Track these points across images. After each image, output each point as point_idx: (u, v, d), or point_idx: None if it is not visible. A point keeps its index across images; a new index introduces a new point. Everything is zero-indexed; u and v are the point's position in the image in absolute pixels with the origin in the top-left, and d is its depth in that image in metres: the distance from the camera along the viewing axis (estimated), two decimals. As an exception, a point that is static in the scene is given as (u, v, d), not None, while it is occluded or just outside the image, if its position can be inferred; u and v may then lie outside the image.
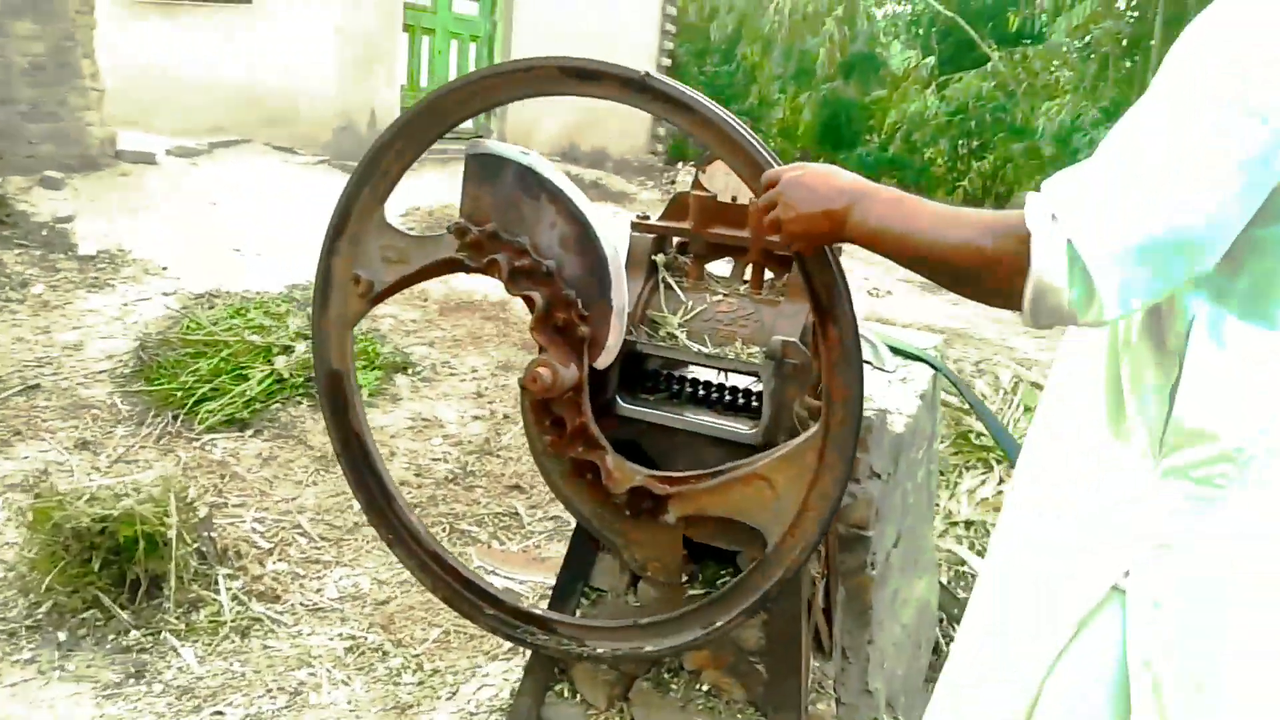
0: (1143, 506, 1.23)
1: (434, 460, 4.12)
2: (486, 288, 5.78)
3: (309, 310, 2.80)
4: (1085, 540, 1.29)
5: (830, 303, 1.58)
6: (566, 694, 2.16)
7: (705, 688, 2.06)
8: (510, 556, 3.46)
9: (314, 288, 1.92)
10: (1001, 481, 4.02)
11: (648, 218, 2.01)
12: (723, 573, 2.02)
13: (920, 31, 20.38)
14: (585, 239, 1.73)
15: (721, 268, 2.06)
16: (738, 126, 1.58)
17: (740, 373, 1.86)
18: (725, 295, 1.92)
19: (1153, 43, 14.67)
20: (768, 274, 1.94)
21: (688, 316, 1.91)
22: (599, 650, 1.92)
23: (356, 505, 2.43)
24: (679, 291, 1.95)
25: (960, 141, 18.92)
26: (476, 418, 4.59)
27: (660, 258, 1.98)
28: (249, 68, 8.26)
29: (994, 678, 1.40)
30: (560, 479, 1.90)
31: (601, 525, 1.90)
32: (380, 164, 1.82)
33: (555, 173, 1.75)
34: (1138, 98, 1.15)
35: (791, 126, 21.47)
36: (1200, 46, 1.10)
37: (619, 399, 1.89)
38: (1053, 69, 16.65)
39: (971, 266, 1.17)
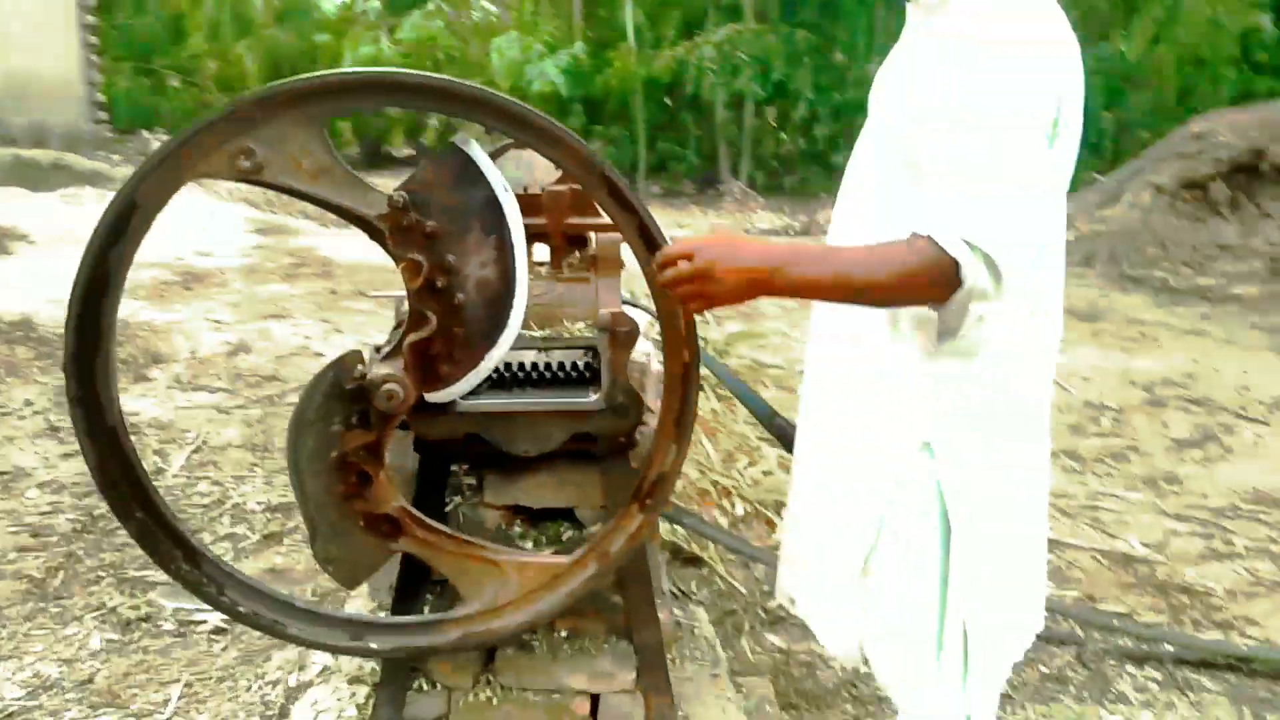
0: (929, 380, 1.67)
1: (44, 515, 3.76)
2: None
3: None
4: (892, 414, 1.71)
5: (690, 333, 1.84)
6: (425, 688, 2.23)
7: (564, 634, 2.25)
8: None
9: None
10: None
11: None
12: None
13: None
14: (505, 296, 1.77)
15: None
16: (626, 190, 1.73)
17: (577, 348, 2.03)
18: (531, 280, 2.07)
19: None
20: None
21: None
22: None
23: None
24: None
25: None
26: (66, 455, 4.21)
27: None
28: None
29: (836, 531, 1.82)
30: (310, 456, 1.84)
31: (318, 512, 1.88)
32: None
33: (519, 221, 1.76)
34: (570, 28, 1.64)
35: (231, 78, 20.48)
36: (995, 85, 1.48)
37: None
38: (488, 7, 17.53)
39: (906, 291, 1.52)
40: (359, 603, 2.65)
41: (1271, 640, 3.29)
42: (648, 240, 1.73)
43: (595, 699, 2.23)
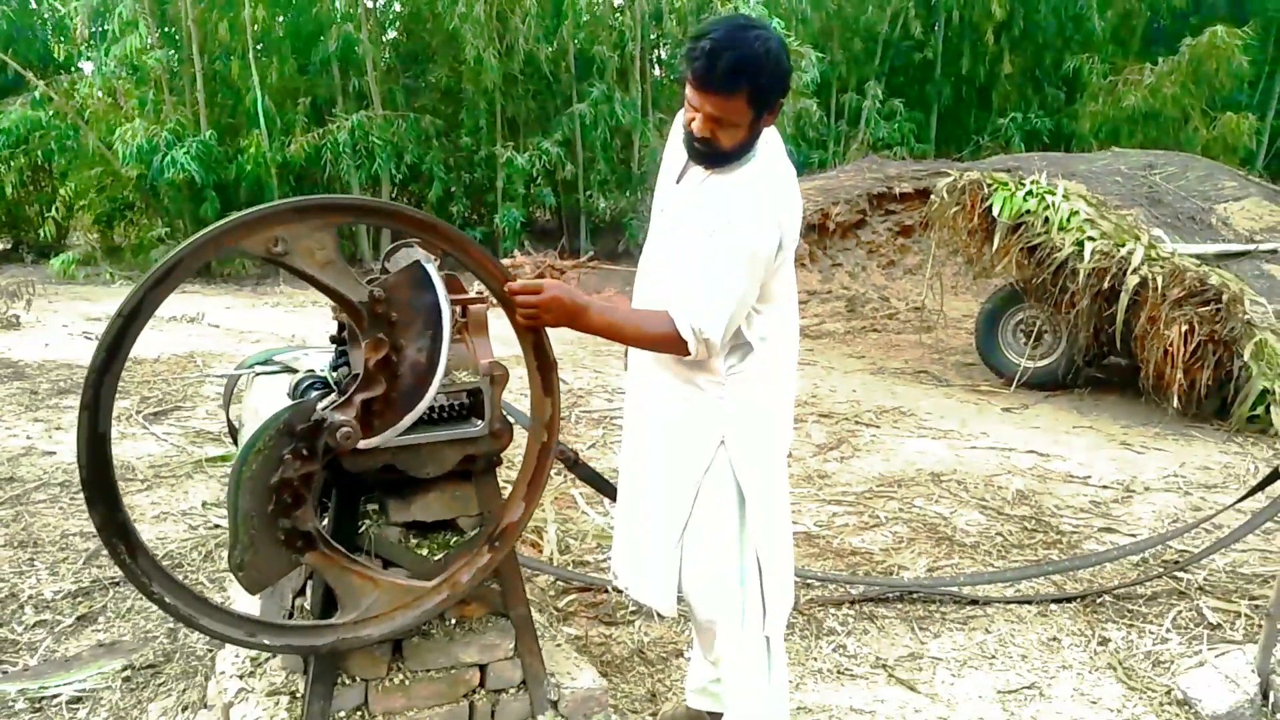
0: (722, 396, 2.58)
1: None
2: None
3: None
4: (697, 421, 2.61)
5: (549, 359, 2.60)
6: (346, 681, 2.72)
7: (454, 620, 2.84)
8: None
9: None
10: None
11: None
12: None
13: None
14: (429, 374, 2.41)
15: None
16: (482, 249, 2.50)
17: (464, 391, 2.65)
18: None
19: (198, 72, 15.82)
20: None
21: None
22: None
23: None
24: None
25: (26, 173, 17.99)
26: None
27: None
28: None
29: (659, 511, 2.68)
30: (252, 476, 2.30)
31: (244, 524, 2.32)
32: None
33: (449, 323, 2.39)
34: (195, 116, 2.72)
35: None
36: (721, 221, 2.43)
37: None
38: (105, 97, 16.83)
39: (656, 345, 2.52)
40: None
41: (918, 576, 4.42)
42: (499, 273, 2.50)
43: (483, 669, 2.83)
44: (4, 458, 5.63)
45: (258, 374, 4.10)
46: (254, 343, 9.52)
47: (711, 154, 2.43)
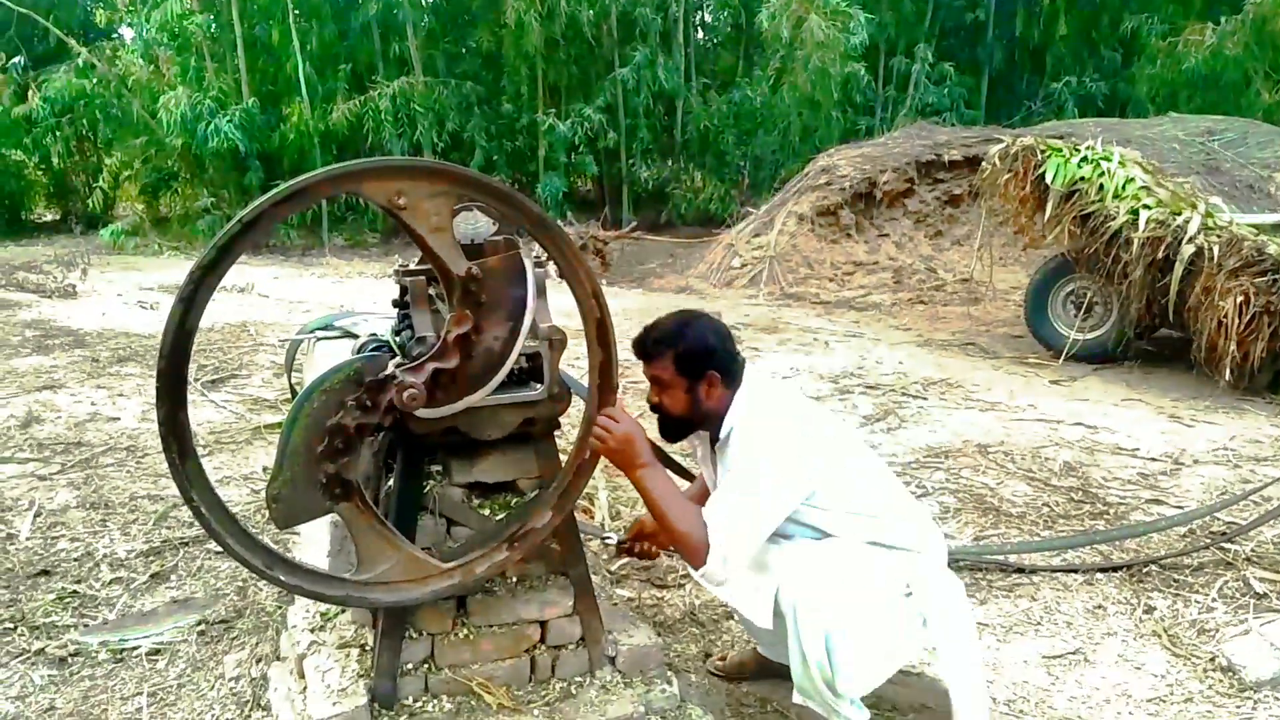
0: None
1: None
2: None
3: None
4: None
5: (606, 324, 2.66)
6: (414, 635, 2.82)
7: (515, 579, 2.93)
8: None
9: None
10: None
11: (406, 264, 2.76)
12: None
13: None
14: (498, 364, 2.50)
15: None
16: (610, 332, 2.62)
17: (523, 355, 2.73)
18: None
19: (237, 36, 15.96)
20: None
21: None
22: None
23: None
24: (444, 309, 2.74)
25: (71, 142, 18.32)
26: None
27: (432, 289, 2.74)
28: None
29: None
30: (311, 414, 2.39)
31: (290, 458, 2.40)
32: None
33: (530, 320, 2.49)
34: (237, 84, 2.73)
35: None
36: (756, 455, 2.59)
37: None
38: (146, 64, 17.01)
39: (681, 542, 2.59)
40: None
41: (964, 545, 4.46)
42: (605, 378, 2.65)
43: (544, 625, 2.92)
44: (71, 423, 5.82)
45: (318, 339, 4.23)
46: (304, 312, 9.69)
47: (670, 420, 2.81)
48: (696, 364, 2.71)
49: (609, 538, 3.28)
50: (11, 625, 3.57)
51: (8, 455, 5.26)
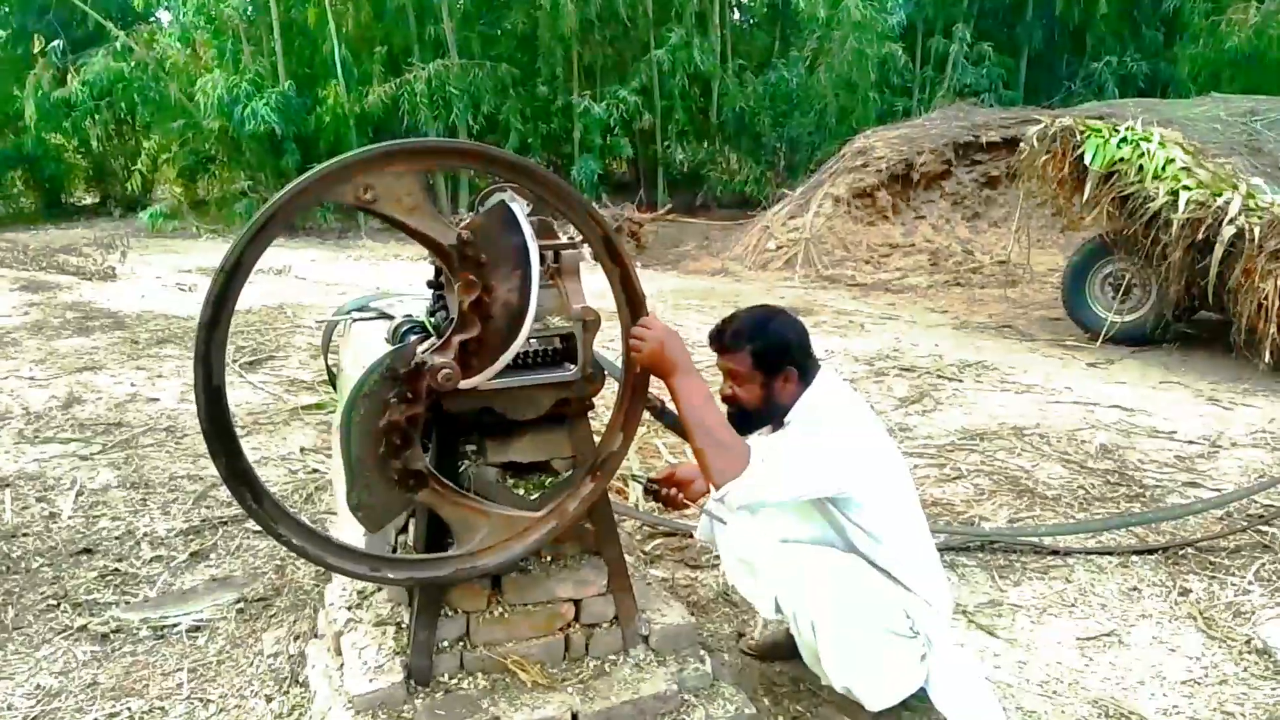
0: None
1: None
2: None
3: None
4: None
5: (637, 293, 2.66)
6: (449, 613, 2.85)
7: (549, 558, 2.95)
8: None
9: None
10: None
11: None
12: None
13: (7, 10, 19.04)
14: (520, 315, 2.47)
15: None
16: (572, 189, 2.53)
17: (557, 336, 2.74)
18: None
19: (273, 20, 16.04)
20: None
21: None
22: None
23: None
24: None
25: (110, 126, 18.52)
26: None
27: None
28: None
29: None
30: (362, 421, 2.41)
31: (359, 467, 2.43)
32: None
33: (538, 263, 2.44)
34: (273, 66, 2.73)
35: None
36: (812, 438, 2.61)
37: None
38: (184, 47, 17.13)
39: (710, 450, 2.51)
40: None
41: (998, 527, 4.44)
42: (630, 291, 2.62)
43: (578, 604, 2.94)
44: (111, 404, 5.91)
45: (354, 320, 4.25)
46: (340, 294, 9.76)
47: (744, 413, 2.78)
48: (775, 360, 2.72)
49: (639, 478, 3.28)
50: (54, 602, 3.64)
51: (50, 435, 5.35)
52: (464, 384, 2.50)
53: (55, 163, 20.00)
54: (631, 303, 2.64)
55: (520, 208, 2.49)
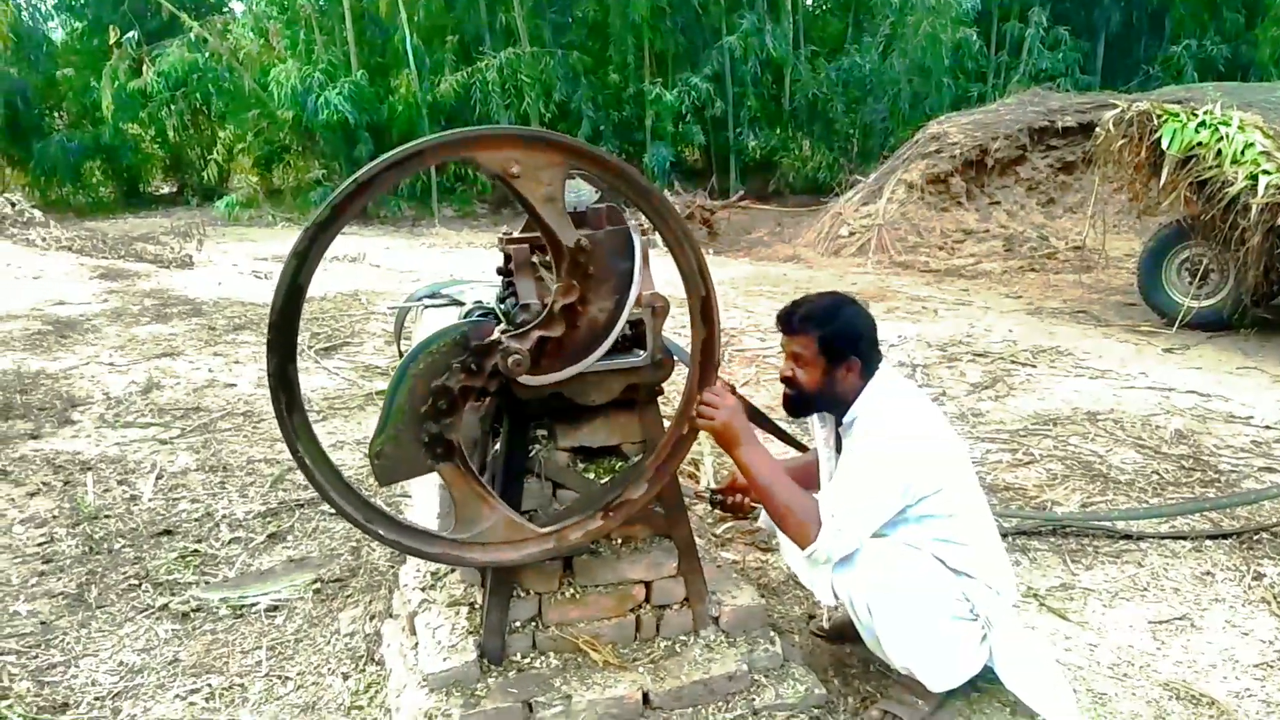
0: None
1: (43, 545, 4.05)
2: None
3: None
4: None
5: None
6: (521, 594, 2.89)
7: (619, 541, 2.98)
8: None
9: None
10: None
11: (510, 232, 2.81)
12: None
13: (84, 1, 19.47)
14: (602, 335, 2.52)
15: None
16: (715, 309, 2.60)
17: (627, 322, 2.76)
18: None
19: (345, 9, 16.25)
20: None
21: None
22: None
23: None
24: (548, 277, 2.79)
25: (186, 116, 18.93)
26: (31, 494, 4.52)
27: (536, 257, 2.79)
28: None
29: None
30: (418, 373, 2.46)
31: (395, 416, 2.46)
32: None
33: (636, 294, 2.52)
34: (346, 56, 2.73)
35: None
36: (874, 452, 2.61)
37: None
38: (257, 38, 17.42)
39: (784, 519, 2.60)
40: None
41: (1071, 511, 4.37)
42: (708, 355, 2.66)
43: (648, 585, 2.96)
44: (190, 389, 6.08)
45: (426, 307, 4.32)
46: (414, 281, 9.90)
47: (799, 396, 2.80)
48: (842, 348, 2.73)
49: (704, 492, 3.31)
50: (136, 582, 3.76)
51: (130, 420, 5.51)
52: (526, 379, 2.52)
53: (133, 153, 20.48)
54: (705, 366, 2.67)
55: (639, 240, 2.55)
